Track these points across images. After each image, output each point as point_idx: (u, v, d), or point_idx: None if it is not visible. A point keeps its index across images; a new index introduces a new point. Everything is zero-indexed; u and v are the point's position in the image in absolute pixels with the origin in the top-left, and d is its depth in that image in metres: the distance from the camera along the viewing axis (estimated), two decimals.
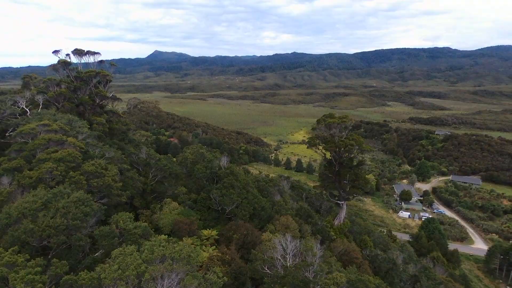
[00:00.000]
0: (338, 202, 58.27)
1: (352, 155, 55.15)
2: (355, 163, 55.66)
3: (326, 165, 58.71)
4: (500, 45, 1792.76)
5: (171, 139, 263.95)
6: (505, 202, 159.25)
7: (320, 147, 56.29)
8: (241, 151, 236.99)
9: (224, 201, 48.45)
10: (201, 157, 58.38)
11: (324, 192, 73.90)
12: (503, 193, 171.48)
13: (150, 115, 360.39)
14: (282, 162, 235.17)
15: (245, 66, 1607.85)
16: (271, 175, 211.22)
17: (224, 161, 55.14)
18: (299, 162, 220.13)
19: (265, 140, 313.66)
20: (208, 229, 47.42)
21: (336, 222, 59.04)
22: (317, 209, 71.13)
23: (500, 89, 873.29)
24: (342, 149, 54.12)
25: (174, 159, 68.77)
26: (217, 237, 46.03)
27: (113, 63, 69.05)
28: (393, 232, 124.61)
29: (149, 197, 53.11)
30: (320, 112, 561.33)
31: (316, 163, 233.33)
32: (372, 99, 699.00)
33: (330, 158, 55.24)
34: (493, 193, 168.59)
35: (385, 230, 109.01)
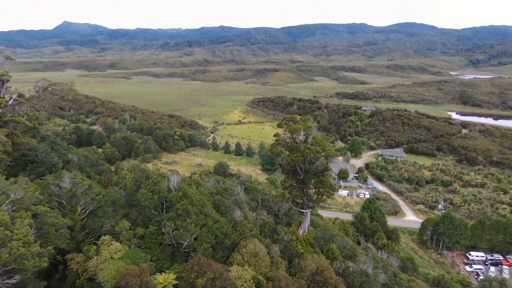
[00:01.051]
0: (301, 210, 53.67)
1: (318, 162, 50.38)
2: (320, 170, 51.05)
3: (289, 173, 53.16)
4: (407, 22, 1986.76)
5: (94, 127, 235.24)
6: (426, 173, 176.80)
7: (284, 155, 50.47)
8: (176, 137, 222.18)
9: (180, 235, 39.89)
10: (143, 175, 47.93)
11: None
12: (423, 164, 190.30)
13: (66, 99, 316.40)
14: (221, 146, 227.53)
15: (171, 40, 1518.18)
16: (210, 160, 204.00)
17: (174, 180, 45.70)
18: (238, 145, 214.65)
19: (200, 122, 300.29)
20: (163, 272, 38.74)
21: (301, 232, 54.88)
22: (276, 214, 66.49)
23: (409, 63, 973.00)
24: (309, 157, 49.06)
25: (100, 150, 56.58)
26: (175, 281, 37.74)
27: (9, 55, 52.09)
28: (337, 213, 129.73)
29: (79, 235, 41.83)
30: (253, 89, 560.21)
31: (255, 144, 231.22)
32: (300, 74, 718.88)
33: (294, 166, 49.78)
34: (416, 165, 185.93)
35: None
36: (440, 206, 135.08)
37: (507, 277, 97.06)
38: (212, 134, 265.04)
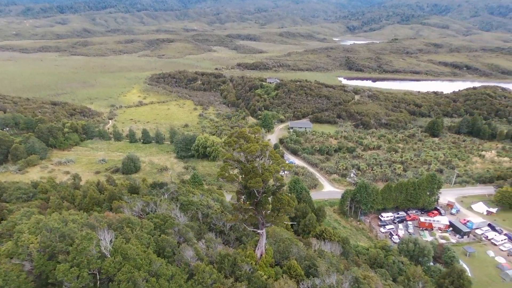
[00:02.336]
0: (256, 230, 48.32)
1: (277, 182, 44.79)
2: (277, 186, 45.76)
3: (243, 196, 46.34)
4: None
5: None
6: (333, 142, 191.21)
7: (237, 178, 43.04)
8: (66, 130, 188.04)
9: None
10: (55, 237, 34.92)
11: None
12: (329, 133, 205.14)
13: None
14: (124, 134, 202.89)
15: (35, 5, 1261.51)
16: (114, 153, 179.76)
17: (106, 238, 34.08)
18: (145, 132, 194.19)
19: (93, 107, 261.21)
20: None
21: (258, 254, 49.84)
22: (221, 230, 59.67)
23: (298, 31, 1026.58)
24: (270, 180, 42.97)
25: None
26: None
27: None
28: None
29: None
30: (149, 63, 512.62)
31: (164, 128, 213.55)
32: (197, 44, 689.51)
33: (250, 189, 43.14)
34: (324, 135, 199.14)
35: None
36: (352, 175, 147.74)
37: (412, 230, 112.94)
38: (110, 121, 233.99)
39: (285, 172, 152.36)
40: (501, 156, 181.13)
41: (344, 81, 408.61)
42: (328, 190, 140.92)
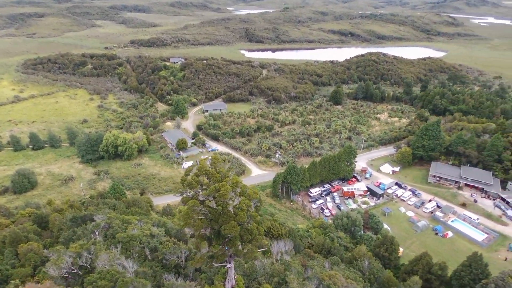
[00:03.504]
0: (224, 264, 43.81)
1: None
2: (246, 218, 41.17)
3: (209, 237, 40.16)
4: None
5: None
6: (251, 121, 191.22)
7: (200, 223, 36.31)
8: None
9: None
10: None
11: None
12: (245, 112, 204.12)
13: None
14: (4, 142, 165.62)
15: None
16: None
17: None
18: (34, 136, 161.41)
19: None
20: None
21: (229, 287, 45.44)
22: (176, 263, 52.69)
23: (190, 0, 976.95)
24: (244, 221, 37.57)
25: None
26: None
27: None
28: None
29: None
30: (16, 45, 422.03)
31: (58, 128, 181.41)
32: (76, 19, 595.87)
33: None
34: (241, 116, 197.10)
35: None
36: (277, 155, 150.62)
37: (338, 201, 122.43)
38: None
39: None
40: (392, 116, 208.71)
41: (247, 54, 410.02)
42: (257, 174, 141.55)
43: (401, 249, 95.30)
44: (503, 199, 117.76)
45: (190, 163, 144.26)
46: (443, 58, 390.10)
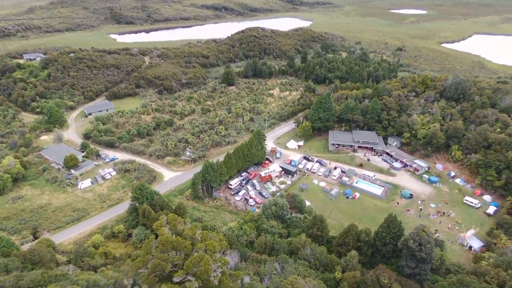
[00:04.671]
0: None
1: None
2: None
3: None
4: None
5: None
6: (148, 118, 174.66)
7: None
8: None
9: None
10: None
11: None
12: (137, 109, 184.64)
13: None
14: None
15: None
16: None
17: None
18: None
19: None
20: None
21: None
22: None
23: None
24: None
25: None
26: None
27: None
28: (98, 220, 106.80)
29: None
30: None
31: None
32: None
33: None
34: (135, 113, 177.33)
35: None
36: (187, 153, 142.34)
37: (259, 187, 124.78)
38: None
39: (109, 172, 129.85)
40: (283, 91, 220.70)
41: (118, 38, 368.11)
42: (170, 177, 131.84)
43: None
44: (388, 154, 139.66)
45: (88, 182, 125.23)
46: (311, 27, 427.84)
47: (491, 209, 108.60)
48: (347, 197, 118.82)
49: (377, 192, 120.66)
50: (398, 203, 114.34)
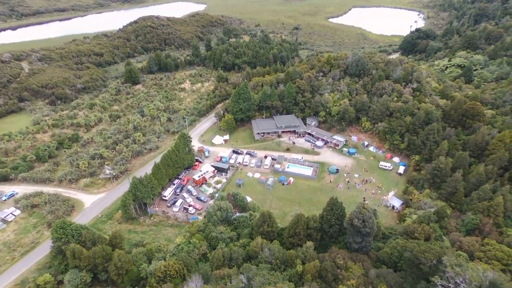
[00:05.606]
0: None
1: None
2: None
3: None
4: None
5: None
6: (45, 138, 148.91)
7: None
8: None
9: None
10: None
11: None
12: (27, 128, 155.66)
13: None
14: None
15: None
16: None
17: None
18: None
19: None
20: None
21: None
22: None
23: None
24: None
25: None
26: None
27: None
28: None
29: None
30: None
31: None
32: None
33: None
34: (25, 134, 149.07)
35: None
36: (106, 170, 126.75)
37: (195, 192, 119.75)
38: None
39: (12, 213, 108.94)
40: (194, 83, 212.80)
41: None
42: (91, 202, 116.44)
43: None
44: (309, 134, 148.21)
45: None
46: (206, 11, 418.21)
47: (401, 169, 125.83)
48: (283, 184, 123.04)
49: (308, 173, 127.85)
50: (330, 181, 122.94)
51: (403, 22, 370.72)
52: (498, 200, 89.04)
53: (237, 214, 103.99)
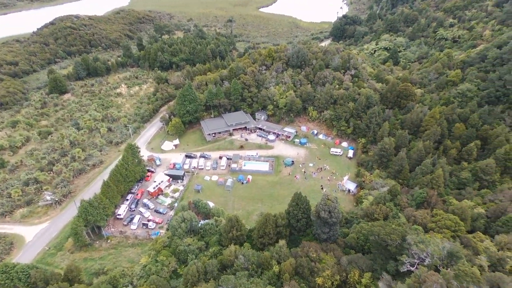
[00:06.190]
0: None
1: None
2: None
3: None
4: None
5: None
6: None
7: None
8: None
9: None
10: None
11: None
12: None
13: None
14: None
15: None
16: None
17: None
18: None
19: None
20: None
21: None
22: None
23: None
24: None
25: None
26: None
27: None
28: None
29: None
30: None
31: None
32: None
33: None
34: None
35: None
36: (46, 197, 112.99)
37: (153, 205, 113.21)
38: None
39: None
40: (131, 86, 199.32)
41: None
42: (34, 235, 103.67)
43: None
44: (260, 129, 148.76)
45: None
46: (131, 6, 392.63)
47: (350, 153, 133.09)
48: (242, 183, 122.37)
49: (265, 169, 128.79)
50: (289, 174, 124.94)
51: (330, 9, 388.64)
52: (438, 173, 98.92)
53: (202, 222, 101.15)
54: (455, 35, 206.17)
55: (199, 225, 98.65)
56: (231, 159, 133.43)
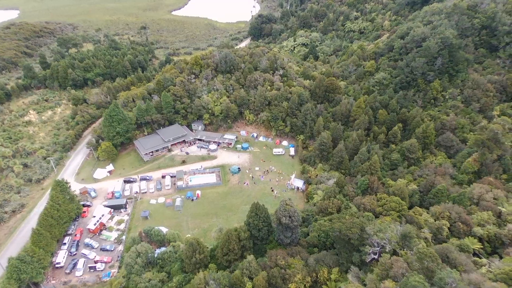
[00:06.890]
0: None
1: None
2: None
3: None
4: None
5: None
6: None
7: None
8: None
9: None
10: None
11: None
12: None
13: None
14: None
15: None
16: None
17: None
18: None
19: None
20: None
21: None
22: None
23: None
24: None
25: None
26: None
27: None
28: None
29: None
30: None
31: None
32: None
33: None
34: None
35: None
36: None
37: (96, 245, 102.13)
38: None
39: None
40: (42, 111, 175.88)
41: None
42: None
43: (187, 236, 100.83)
44: (199, 140, 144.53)
45: None
46: (22, 19, 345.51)
47: (292, 151, 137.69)
48: (192, 200, 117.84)
49: (213, 180, 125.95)
50: (239, 182, 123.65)
51: (243, 8, 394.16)
52: (374, 158, 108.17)
53: (158, 250, 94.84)
54: (361, 27, 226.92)
55: (156, 255, 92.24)
56: (175, 176, 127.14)
